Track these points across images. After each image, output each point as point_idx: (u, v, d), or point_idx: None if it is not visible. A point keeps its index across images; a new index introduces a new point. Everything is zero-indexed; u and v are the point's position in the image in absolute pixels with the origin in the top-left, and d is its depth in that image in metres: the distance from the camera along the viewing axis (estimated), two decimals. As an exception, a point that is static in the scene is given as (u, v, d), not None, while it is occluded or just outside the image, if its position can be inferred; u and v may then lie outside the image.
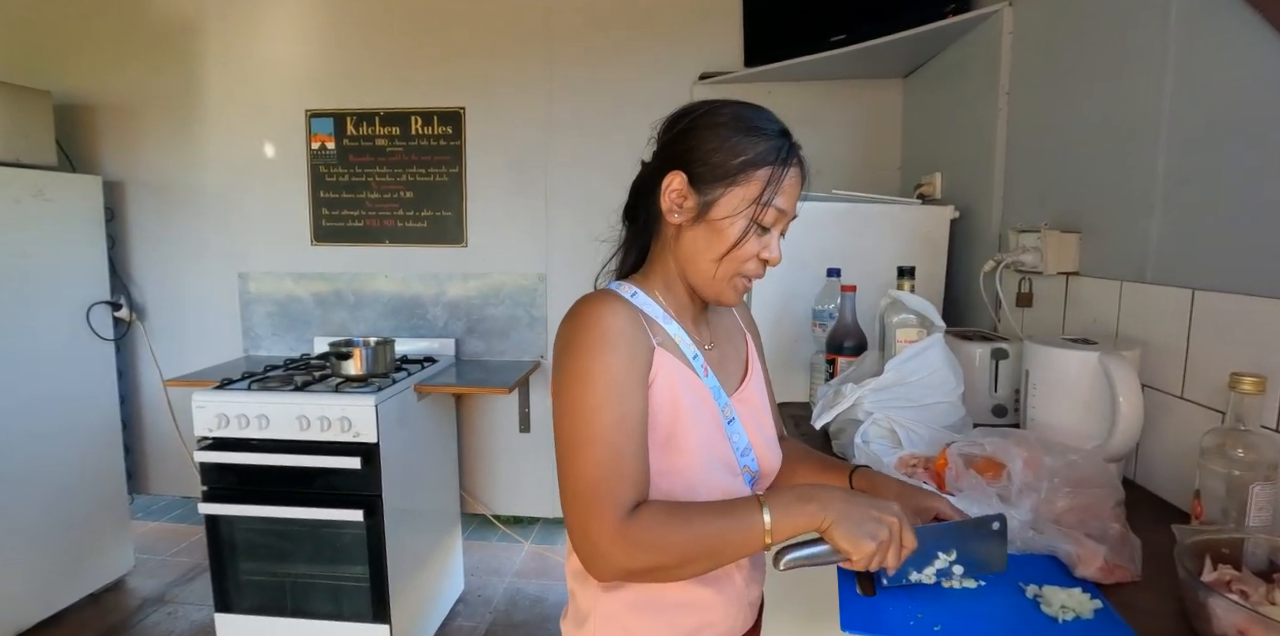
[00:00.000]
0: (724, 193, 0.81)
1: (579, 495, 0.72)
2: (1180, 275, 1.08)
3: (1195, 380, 1.03)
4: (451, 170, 2.69)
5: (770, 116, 0.85)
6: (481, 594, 2.59)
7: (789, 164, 0.82)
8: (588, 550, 0.72)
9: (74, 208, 2.48)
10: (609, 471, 0.72)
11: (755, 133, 0.81)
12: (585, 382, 0.74)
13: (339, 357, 2.20)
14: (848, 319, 1.47)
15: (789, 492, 0.75)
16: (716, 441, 0.85)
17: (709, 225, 0.82)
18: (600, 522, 0.70)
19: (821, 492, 0.74)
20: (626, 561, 0.71)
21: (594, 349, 0.75)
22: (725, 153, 0.80)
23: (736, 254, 0.82)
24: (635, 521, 0.71)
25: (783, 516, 0.71)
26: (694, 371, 0.84)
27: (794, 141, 0.84)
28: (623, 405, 0.75)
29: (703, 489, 0.82)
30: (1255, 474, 0.80)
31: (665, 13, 2.56)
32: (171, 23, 2.74)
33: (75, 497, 2.45)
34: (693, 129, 0.83)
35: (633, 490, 0.73)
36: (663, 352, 0.81)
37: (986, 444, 1.01)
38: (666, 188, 0.82)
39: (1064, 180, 1.44)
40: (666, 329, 0.85)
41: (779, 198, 0.81)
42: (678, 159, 0.82)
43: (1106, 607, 0.74)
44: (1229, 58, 1.00)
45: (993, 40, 1.73)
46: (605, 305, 0.79)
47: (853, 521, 0.71)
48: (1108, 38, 1.29)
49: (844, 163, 2.55)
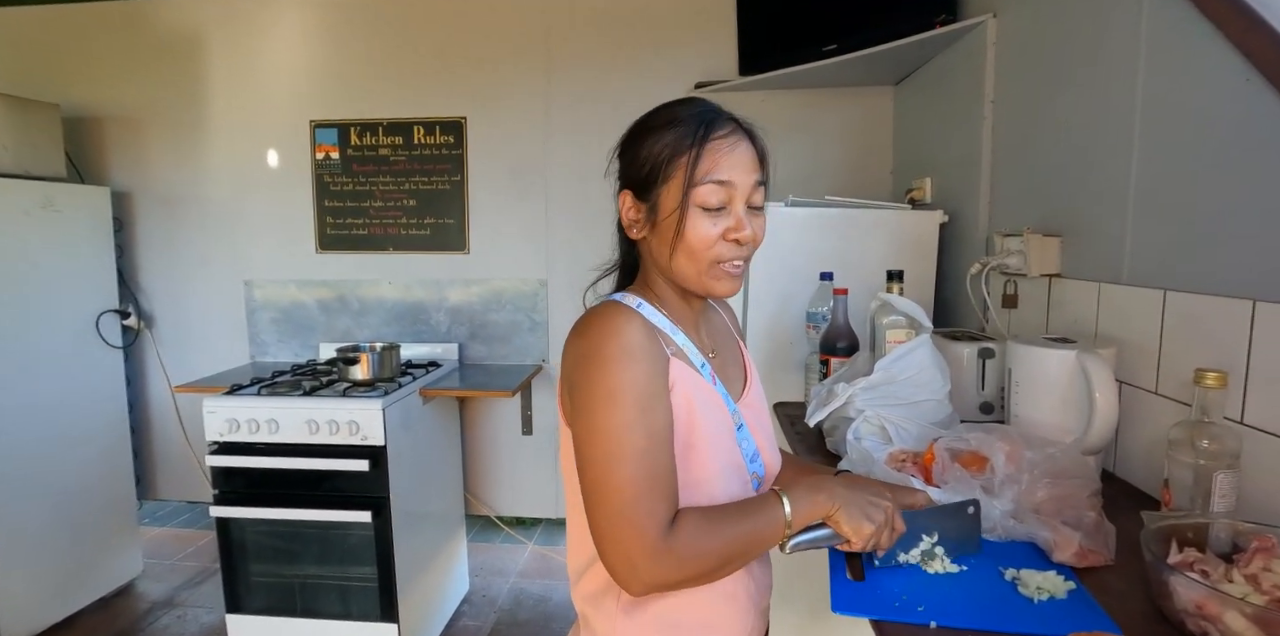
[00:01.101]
0: (660, 192, 0.81)
1: (619, 515, 0.71)
2: (1153, 276, 1.13)
3: (1168, 376, 1.08)
4: (453, 178, 2.75)
5: (690, 103, 0.83)
6: (486, 594, 2.63)
7: (707, 138, 0.79)
8: (625, 568, 0.71)
9: (83, 218, 2.53)
10: (647, 488, 0.72)
11: (670, 125, 0.80)
12: (613, 400, 0.73)
13: (346, 363, 2.25)
14: (840, 321, 1.53)
15: (801, 485, 0.80)
16: (729, 449, 0.85)
17: (659, 226, 0.82)
18: (642, 541, 0.70)
19: (828, 482, 0.81)
20: (668, 574, 0.72)
21: (616, 364, 0.74)
22: (648, 155, 0.81)
23: (690, 241, 0.80)
24: (675, 536, 0.72)
25: (800, 507, 0.77)
26: (706, 380, 0.85)
27: (719, 114, 0.82)
28: (653, 421, 0.74)
29: (719, 497, 0.82)
30: (1219, 463, 0.86)
31: (663, 24, 2.63)
32: (177, 35, 2.80)
33: (85, 503, 2.49)
34: (627, 147, 0.85)
35: (669, 504, 0.74)
36: (677, 362, 0.81)
37: (971, 439, 1.06)
38: (622, 209, 0.86)
39: (1046, 185, 1.50)
40: (675, 339, 0.85)
41: (716, 172, 0.78)
42: (622, 178, 0.86)
43: (1080, 589, 0.80)
44: (1194, 70, 1.05)
45: (978, 50, 1.79)
46: (620, 317, 0.77)
47: (856, 506, 0.78)
48: (1083, 50, 1.35)
49: (838, 168, 2.61)
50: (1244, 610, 0.65)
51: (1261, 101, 0.92)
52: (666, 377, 0.78)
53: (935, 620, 0.73)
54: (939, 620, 0.73)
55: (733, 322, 1.06)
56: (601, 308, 0.80)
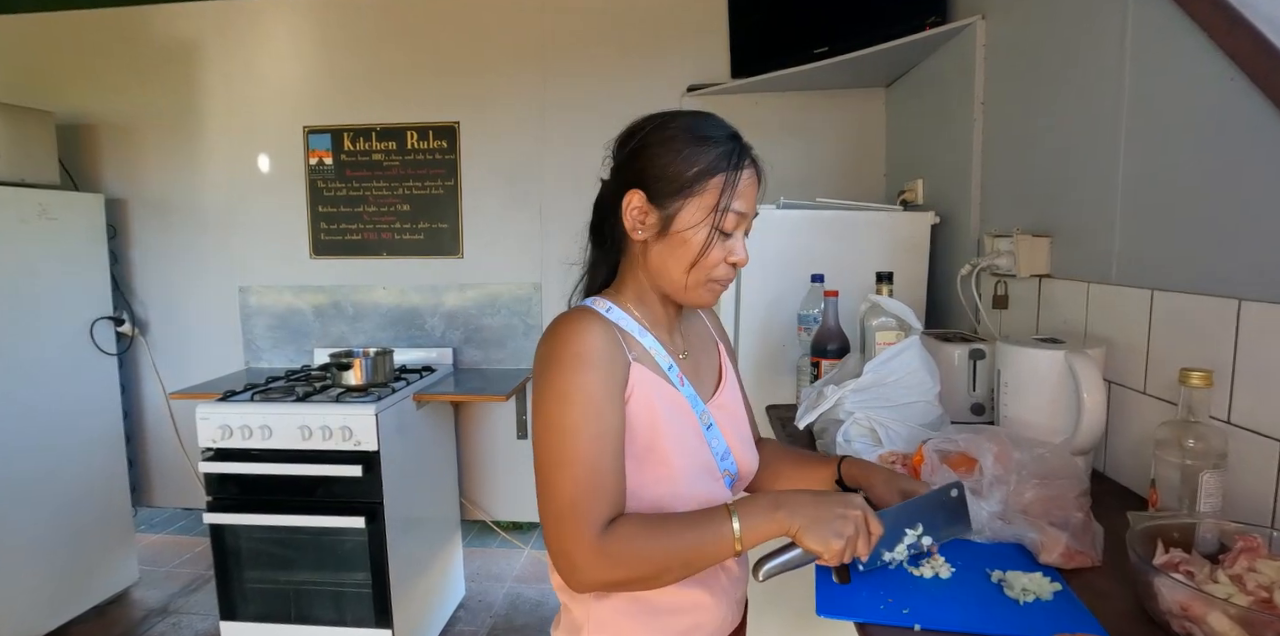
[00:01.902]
0: (683, 204, 0.82)
1: (558, 513, 0.75)
2: (1141, 276, 1.13)
3: (1156, 376, 1.08)
4: (447, 183, 2.75)
5: (719, 123, 0.86)
6: (482, 599, 2.63)
7: (741, 167, 0.83)
8: (565, 565, 0.74)
9: (77, 225, 2.53)
10: (586, 489, 0.74)
11: (705, 141, 0.82)
12: (563, 402, 0.76)
13: (339, 368, 2.25)
14: (830, 323, 1.53)
15: (759, 499, 0.77)
16: (697, 448, 0.87)
17: (673, 237, 0.83)
18: (578, 538, 0.73)
19: (790, 498, 0.76)
20: (604, 574, 0.74)
21: (571, 368, 0.77)
22: (679, 165, 0.82)
23: (704, 261, 0.84)
24: (611, 536, 0.73)
25: (751, 524, 0.74)
26: (670, 383, 0.87)
27: (745, 143, 0.86)
28: (599, 423, 0.77)
29: (686, 494, 0.84)
30: (1205, 462, 0.85)
31: (655, 27, 2.63)
32: (171, 42, 2.80)
33: (80, 510, 2.49)
34: (645, 146, 0.84)
35: (608, 506, 0.75)
36: (639, 367, 0.83)
37: (960, 440, 1.06)
38: (627, 207, 0.84)
39: (1035, 186, 1.50)
40: (642, 342, 0.87)
41: (737, 201, 0.82)
42: (634, 177, 0.84)
43: (1066, 590, 0.79)
44: (1178, 71, 1.05)
45: (967, 52, 1.79)
46: (581, 323, 0.81)
47: (820, 522, 0.73)
48: (1069, 51, 1.35)
49: (831, 170, 2.61)
50: (1228, 611, 0.65)
51: (1244, 101, 0.92)
52: (624, 383, 0.81)
53: (920, 623, 0.73)
54: (924, 623, 0.73)
55: (714, 325, 1.07)
56: (567, 315, 0.84)
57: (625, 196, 0.84)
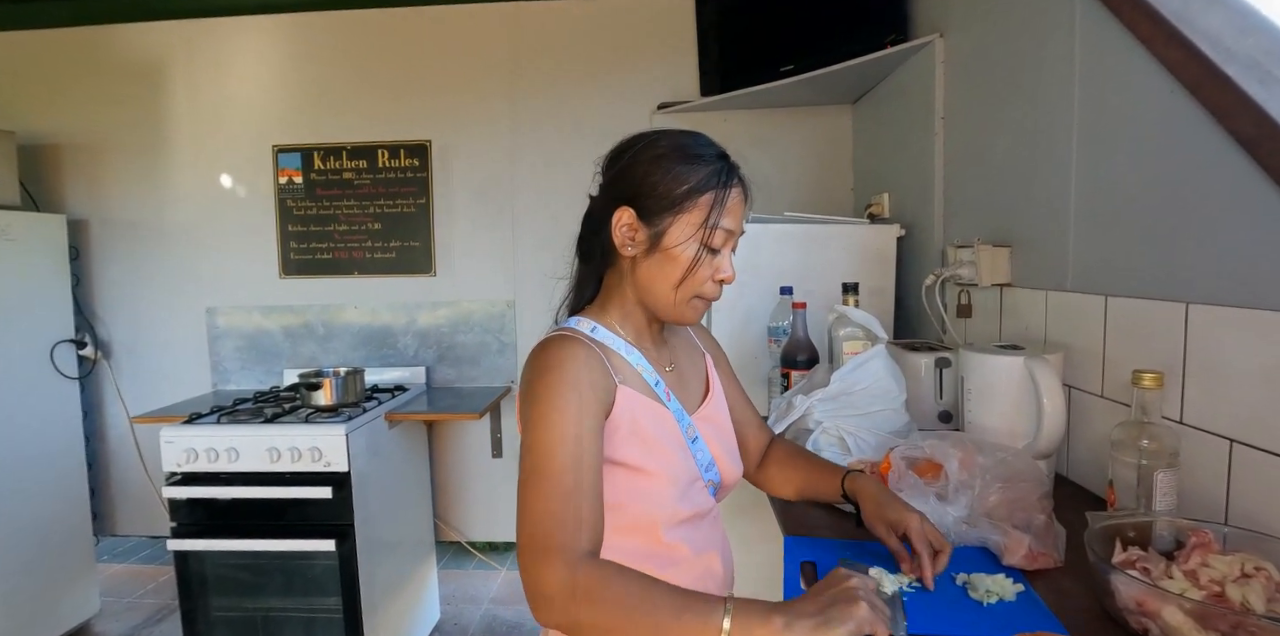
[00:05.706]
0: (672, 221, 0.84)
1: (531, 537, 0.71)
2: (1095, 283, 1.16)
3: (1112, 379, 1.10)
4: (419, 201, 2.75)
5: (707, 141, 0.88)
6: (458, 622, 2.57)
7: (730, 185, 0.85)
8: (533, 590, 0.69)
9: (37, 246, 2.48)
10: (561, 514, 0.72)
11: (695, 160, 0.84)
12: (542, 428, 0.76)
13: (309, 388, 2.21)
14: (800, 334, 1.54)
15: (760, 604, 0.66)
16: (682, 461, 0.88)
17: (662, 254, 0.85)
18: (549, 563, 0.68)
19: (792, 607, 0.65)
20: (568, 606, 0.67)
21: (553, 395, 0.77)
22: (669, 183, 0.83)
23: (692, 278, 0.85)
24: (587, 570, 0.68)
25: (748, 626, 0.63)
26: (657, 400, 0.88)
27: (733, 162, 0.87)
28: (577, 450, 0.75)
29: (670, 506, 0.85)
30: (1159, 462, 0.87)
31: (625, 45, 2.67)
32: (137, 61, 2.78)
33: (38, 540, 2.40)
34: (635, 163, 0.85)
35: (585, 533, 0.72)
36: (625, 390, 0.84)
37: (926, 446, 1.07)
38: (617, 223, 0.85)
39: (995, 197, 1.54)
40: (629, 360, 0.88)
41: (725, 219, 0.84)
42: (624, 194, 0.85)
43: (1028, 590, 0.80)
44: (1123, 84, 1.09)
45: (927, 69, 1.84)
46: (565, 350, 0.81)
47: (823, 622, 0.63)
48: (1023, 67, 1.40)
49: (800, 185, 2.65)
50: (1182, 605, 0.66)
51: (1184, 111, 0.95)
52: (607, 408, 0.82)
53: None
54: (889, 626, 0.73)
55: (702, 337, 1.09)
56: (551, 340, 0.84)
57: (615, 213, 0.85)
